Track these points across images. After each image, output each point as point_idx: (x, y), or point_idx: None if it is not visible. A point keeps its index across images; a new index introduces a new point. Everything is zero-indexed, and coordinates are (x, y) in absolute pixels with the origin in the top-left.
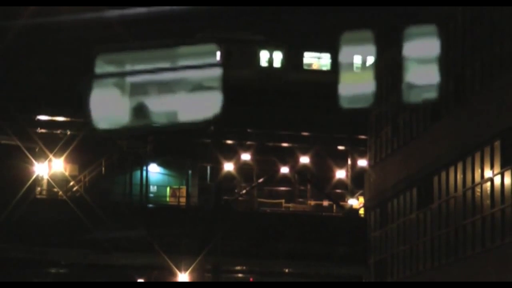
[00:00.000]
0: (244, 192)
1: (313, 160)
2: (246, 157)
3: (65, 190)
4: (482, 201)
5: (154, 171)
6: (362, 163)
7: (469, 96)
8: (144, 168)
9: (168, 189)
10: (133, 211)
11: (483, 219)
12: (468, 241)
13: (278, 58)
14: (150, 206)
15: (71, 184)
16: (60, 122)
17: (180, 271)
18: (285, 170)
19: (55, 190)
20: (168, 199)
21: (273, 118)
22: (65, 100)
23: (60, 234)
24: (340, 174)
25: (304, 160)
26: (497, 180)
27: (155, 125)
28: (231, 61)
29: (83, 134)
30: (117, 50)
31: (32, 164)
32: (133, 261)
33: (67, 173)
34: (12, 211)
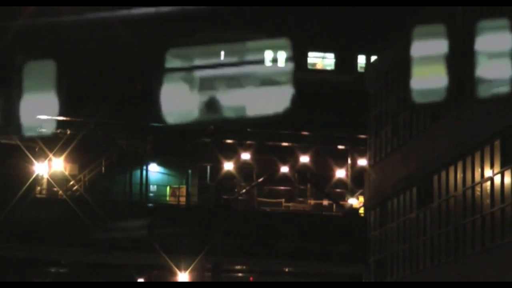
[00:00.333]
0: (244, 192)
1: (313, 160)
2: (246, 157)
3: (65, 190)
4: (482, 201)
5: (154, 171)
6: (362, 163)
7: (469, 95)
8: (144, 168)
9: (168, 189)
10: (133, 211)
11: (483, 219)
12: (468, 241)
13: (282, 58)
14: (150, 206)
15: (71, 184)
16: (60, 122)
17: (180, 271)
18: (285, 170)
19: (55, 190)
20: (168, 199)
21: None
22: (65, 100)
23: (60, 234)
24: (340, 174)
25: (304, 160)
26: (497, 180)
27: (226, 119)
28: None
29: (83, 134)
30: (187, 44)
31: (32, 164)
32: (133, 261)
33: (67, 173)
34: (12, 210)
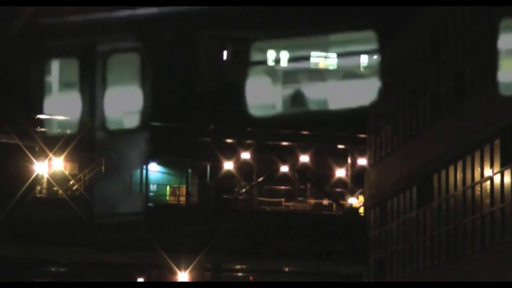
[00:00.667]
0: (244, 191)
1: (313, 159)
2: (246, 156)
3: (65, 189)
4: (482, 200)
5: (154, 170)
6: (362, 162)
7: (469, 95)
8: (144, 167)
9: (168, 188)
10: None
11: (483, 218)
12: (468, 240)
13: (285, 58)
14: (150, 205)
15: (71, 183)
16: (60, 121)
17: (180, 270)
18: (285, 169)
19: (55, 189)
20: (168, 198)
21: (273, 117)
22: (65, 99)
23: (60, 233)
24: (340, 173)
25: (304, 159)
26: (497, 179)
27: (310, 113)
28: (238, 60)
29: (83, 133)
30: (271, 38)
31: (32, 163)
32: (133, 260)
33: (67, 172)
34: (12, 210)
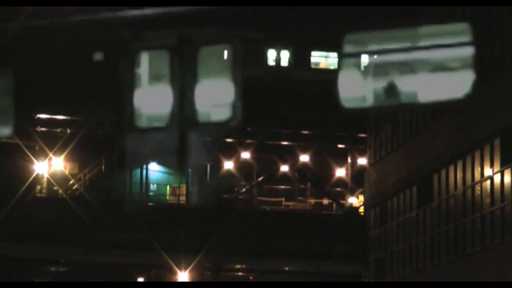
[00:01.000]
0: (244, 191)
1: (313, 159)
2: (246, 156)
3: (65, 189)
4: (482, 200)
5: (154, 169)
6: (362, 162)
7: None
8: (144, 167)
9: (168, 188)
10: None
11: (483, 218)
12: (468, 240)
13: (285, 57)
14: (150, 205)
15: (71, 183)
16: (60, 121)
17: (180, 270)
18: (285, 169)
19: (55, 189)
20: (168, 198)
21: (274, 117)
22: (65, 99)
23: (60, 233)
24: (340, 173)
25: (304, 159)
26: (497, 179)
27: (403, 105)
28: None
29: (83, 132)
30: (363, 30)
31: (32, 163)
32: (133, 260)
33: (67, 172)
34: (12, 210)
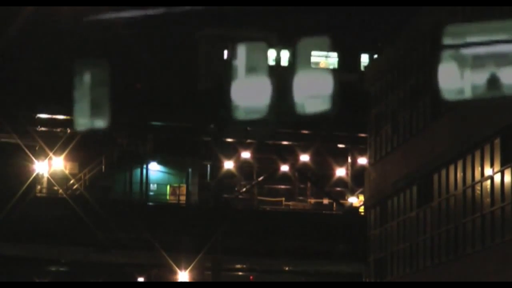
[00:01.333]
0: (244, 190)
1: (313, 158)
2: (246, 155)
3: (65, 188)
4: (482, 199)
5: (154, 169)
6: (362, 161)
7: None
8: (144, 166)
9: (168, 187)
10: (133, 210)
11: (483, 217)
12: (468, 239)
13: (286, 57)
14: (150, 204)
15: (71, 182)
16: (60, 120)
17: (180, 269)
18: (285, 168)
19: (55, 188)
20: (168, 197)
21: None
22: (65, 99)
23: (60, 232)
24: (340, 172)
25: (304, 158)
26: (497, 178)
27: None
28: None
29: (83, 132)
30: (460, 21)
31: (32, 162)
32: (133, 260)
33: (67, 171)
34: (12, 209)
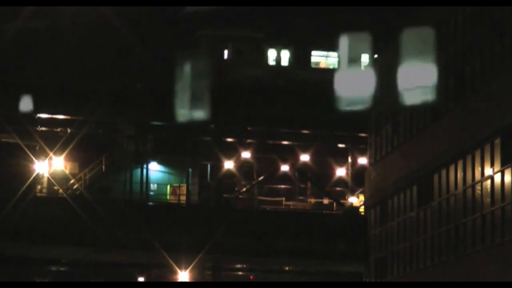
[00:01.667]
0: (244, 190)
1: (313, 158)
2: (246, 155)
3: (66, 188)
4: (482, 199)
5: (155, 169)
6: (362, 161)
7: (469, 94)
8: (145, 166)
9: (169, 187)
10: (134, 209)
11: (483, 217)
12: (468, 239)
13: (286, 57)
14: (150, 204)
15: (72, 182)
16: (61, 120)
17: (181, 269)
18: (285, 168)
19: (56, 188)
20: (169, 197)
21: (274, 116)
22: (65, 99)
23: (61, 232)
24: (340, 172)
25: (304, 158)
26: (497, 178)
27: None
28: (240, 59)
29: (84, 132)
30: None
31: (33, 162)
32: (133, 259)
33: (68, 171)
34: (13, 209)
